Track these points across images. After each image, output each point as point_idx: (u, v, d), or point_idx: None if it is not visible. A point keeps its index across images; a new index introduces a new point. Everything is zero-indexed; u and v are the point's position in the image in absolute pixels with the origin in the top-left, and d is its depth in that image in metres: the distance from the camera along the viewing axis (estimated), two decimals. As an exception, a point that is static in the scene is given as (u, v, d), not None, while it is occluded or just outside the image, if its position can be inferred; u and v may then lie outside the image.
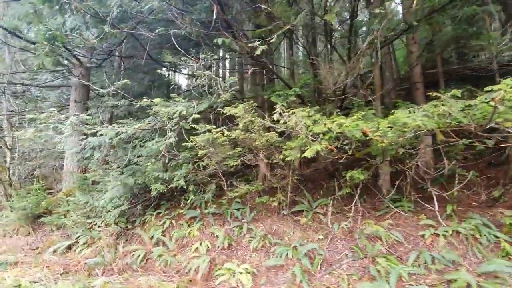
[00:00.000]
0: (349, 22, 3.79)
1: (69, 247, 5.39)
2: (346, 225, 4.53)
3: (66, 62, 8.14)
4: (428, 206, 4.42)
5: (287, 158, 3.84)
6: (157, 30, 4.29)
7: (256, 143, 3.89)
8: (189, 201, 5.00)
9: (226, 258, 4.34)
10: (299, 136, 3.82)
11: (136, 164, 5.57)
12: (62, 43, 5.02)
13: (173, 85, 7.83)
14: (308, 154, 3.54)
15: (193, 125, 4.20)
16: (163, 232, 5.23)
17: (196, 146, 4.05)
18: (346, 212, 4.87)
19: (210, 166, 4.43)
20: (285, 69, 8.26)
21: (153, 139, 5.48)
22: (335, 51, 4.66)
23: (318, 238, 4.42)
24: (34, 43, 6.98)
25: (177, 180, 4.88)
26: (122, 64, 7.49)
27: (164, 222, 5.49)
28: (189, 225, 5.21)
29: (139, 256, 4.71)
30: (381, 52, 5.05)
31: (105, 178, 5.66)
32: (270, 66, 4.48)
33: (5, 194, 7.41)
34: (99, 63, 7.26)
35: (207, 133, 4.01)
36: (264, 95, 4.88)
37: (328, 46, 4.76)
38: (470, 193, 4.52)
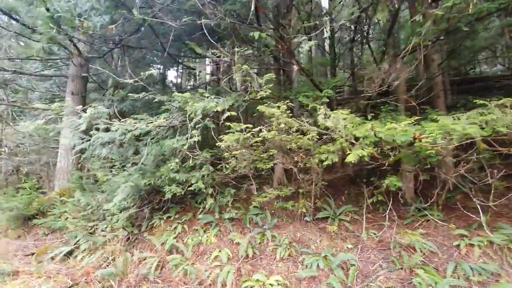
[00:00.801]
0: (388, 23, 3.66)
1: (69, 254, 4.87)
2: (374, 233, 4.38)
3: (59, 51, 7.56)
4: (459, 214, 4.36)
5: (325, 163, 3.61)
6: (183, 19, 3.94)
7: (291, 146, 3.64)
8: (207, 205, 4.65)
9: (252, 268, 4.04)
10: (338, 140, 3.61)
11: (143, 164, 5.15)
12: (72, 27, 4.53)
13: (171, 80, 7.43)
14: (351, 159, 3.34)
15: (220, 123, 3.88)
16: (175, 238, 4.85)
17: (225, 147, 3.74)
18: (372, 220, 4.73)
19: (238, 169, 4.12)
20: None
21: (166, 137, 5.11)
22: (371, 51, 4.51)
23: (347, 247, 4.23)
24: (30, 28, 6.39)
25: (195, 183, 4.53)
26: (125, 55, 6.98)
27: (176, 227, 5.11)
28: (204, 231, 4.86)
29: (152, 264, 4.31)
30: (408, 57, 4.96)
31: (111, 178, 5.20)
32: (301, 65, 4.26)
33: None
34: (104, 53, 6.72)
35: (238, 132, 3.71)
36: (288, 96, 4.64)
37: (366, 46, 4.60)
38: (498, 202, 4.49)
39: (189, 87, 10.42)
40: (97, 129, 4.18)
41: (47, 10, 5.34)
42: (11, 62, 7.75)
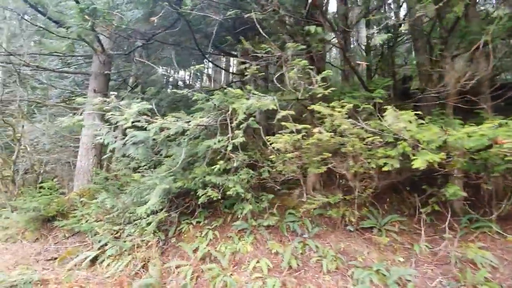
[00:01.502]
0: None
1: (93, 259, 4.57)
2: (427, 245, 4.05)
3: (82, 47, 7.37)
4: None
5: (384, 168, 3.32)
6: (228, 13, 3.71)
7: (347, 149, 3.35)
8: (244, 211, 4.34)
9: (298, 282, 3.72)
10: (401, 144, 3.32)
11: (173, 166, 4.88)
12: (109, 21, 4.29)
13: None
14: (419, 164, 3.04)
15: (266, 123, 3.60)
16: (208, 245, 4.54)
17: (273, 149, 3.46)
18: (420, 231, 4.40)
19: (285, 173, 3.84)
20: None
21: (198, 137, 4.85)
22: (429, 49, 4.22)
23: (399, 261, 3.90)
24: (56, 22, 6.21)
25: (233, 187, 4.24)
26: (146, 53, 6.76)
27: (207, 234, 4.81)
28: (239, 239, 4.55)
29: (186, 274, 4.01)
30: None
31: (138, 179, 4.93)
32: (352, 63, 3.99)
33: (6, 192, 6.42)
34: (130, 50, 6.50)
35: (287, 134, 3.43)
36: (333, 97, 4.36)
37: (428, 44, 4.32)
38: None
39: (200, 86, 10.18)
40: (135, 127, 3.91)
41: (77, 2, 5.15)
42: (31, 58, 7.55)
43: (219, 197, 4.31)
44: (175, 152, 4.62)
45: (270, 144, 3.51)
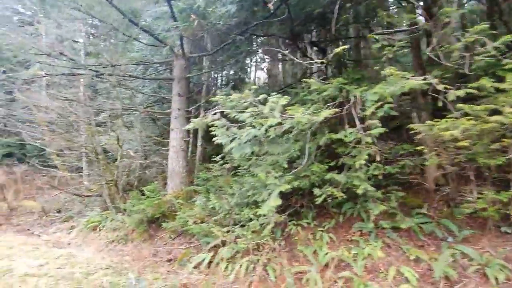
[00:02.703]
0: None
1: (209, 261, 4.50)
2: None
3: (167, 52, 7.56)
4: None
5: None
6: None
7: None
8: (375, 212, 3.85)
9: (462, 296, 3.10)
10: None
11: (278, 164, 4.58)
12: (212, 24, 4.15)
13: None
14: None
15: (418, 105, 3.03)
16: (330, 249, 4.14)
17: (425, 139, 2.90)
18: None
19: (444, 166, 3.26)
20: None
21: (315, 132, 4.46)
22: None
23: None
24: (146, 31, 6.40)
25: (359, 184, 3.76)
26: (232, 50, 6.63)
27: (321, 236, 4.42)
28: (365, 242, 4.06)
29: (315, 281, 3.65)
30: None
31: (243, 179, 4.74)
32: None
33: (110, 195, 6.89)
34: (213, 51, 6.47)
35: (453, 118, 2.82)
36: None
37: None
38: None
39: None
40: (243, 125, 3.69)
41: (171, 8, 5.19)
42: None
43: (344, 197, 3.87)
44: (285, 149, 4.31)
45: (414, 132, 2.95)
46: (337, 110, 3.51)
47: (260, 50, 11.83)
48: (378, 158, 3.16)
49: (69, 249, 5.34)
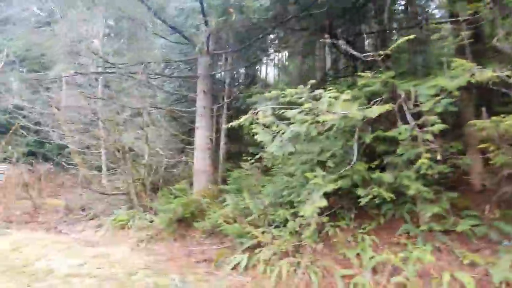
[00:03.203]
0: None
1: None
2: None
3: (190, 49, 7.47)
4: None
5: None
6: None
7: None
8: (427, 214, 3.66)
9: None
10: None
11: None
12: (248, 18, 4.01)
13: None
14: None
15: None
16: (374, 252, 3.97)
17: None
18: None
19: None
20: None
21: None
22: None
23: None
24: (172, 28, 6.32)
25: (409, 184, 3.58)
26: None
27: (363, 239, 4.24)
28: (413, 246, 3.87)
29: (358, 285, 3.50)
30: None
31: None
32: None
33: (137, 194, 6.87)
34: (241, 47, 6.35)
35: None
36: None
37: None
38: None
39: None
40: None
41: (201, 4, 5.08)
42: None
43: (394, 198, 3.69)
44: (324, 147, 4.15)
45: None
46: (387, 106, 3.32)
47: (272, 46, 11.66)
48: (439, 157, 2.97)
49: (101, 247, 5.32)
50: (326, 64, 8.85)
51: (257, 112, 3.44)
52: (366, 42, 7.34)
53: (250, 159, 5.70)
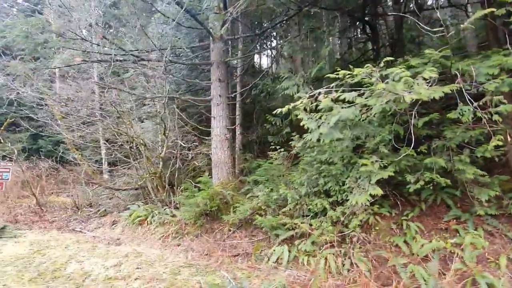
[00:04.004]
0: None
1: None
2: None
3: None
4: None
5: None
6: None
7: None
8: (483, 198, 3.54)
9: None
10: None
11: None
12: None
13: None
14: None
15: None
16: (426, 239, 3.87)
17: None
18: None
19: None
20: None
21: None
22: None
23: None
24: (188, 12, 5.91)
25: (462, 168, 3.45)
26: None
27: (408, 226, 4.13)
28: (463, 231, 3.78)
29: (422, 275, 3.40)
30: None
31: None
32: None
33: (153, 188, 6.57)
34: (262, 31, 5.98)
35: None
36: None
37: None
38: None
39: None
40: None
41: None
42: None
43: (449, 184, 3.56)
44: (369, 132, 3.96)
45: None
46: (452, 85, 3.12)
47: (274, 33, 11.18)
48: (509, 139, 2.82)
49: (127, 246, 5.06)
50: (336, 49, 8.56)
51: (317, 95, 3.17)
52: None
53: (279, 148, 5.47)
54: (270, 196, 4.98)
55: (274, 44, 13.88)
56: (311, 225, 4.48)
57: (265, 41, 12.47)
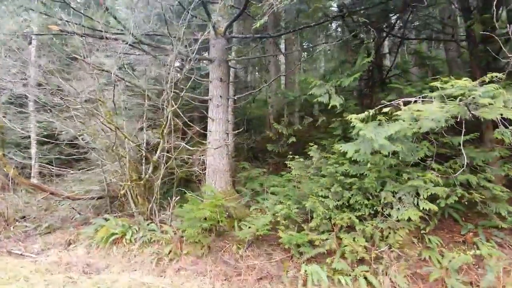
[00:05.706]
0: None
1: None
2: None
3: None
4: None
5: None
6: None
7: None
8: (503, 213, 3.91)
9: None
10: None
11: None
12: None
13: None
14: None
15: None
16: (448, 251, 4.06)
17: None
18: None
19: None
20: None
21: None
22: None
23: None
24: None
25: (487, 185, 3.79)
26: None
27: (430, 240, 4.31)
28: (480, 244, 4.11)
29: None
30: None
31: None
32: None
33: (134, 198, 5.34)
34: (275, 34, 5.64)
35: None
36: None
37: None
38: None
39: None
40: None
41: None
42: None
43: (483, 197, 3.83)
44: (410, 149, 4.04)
45: None
46: None
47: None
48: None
49: (113, 274, 3.90)
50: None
51: (401, 104, 3.02)
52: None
53: (297, 158, 5.15)
54: (291, 209, 4.59)
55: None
56: (340, 241, 4.27)
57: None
